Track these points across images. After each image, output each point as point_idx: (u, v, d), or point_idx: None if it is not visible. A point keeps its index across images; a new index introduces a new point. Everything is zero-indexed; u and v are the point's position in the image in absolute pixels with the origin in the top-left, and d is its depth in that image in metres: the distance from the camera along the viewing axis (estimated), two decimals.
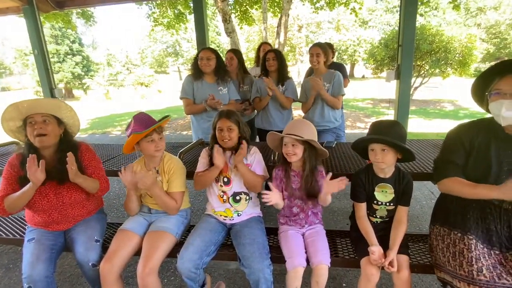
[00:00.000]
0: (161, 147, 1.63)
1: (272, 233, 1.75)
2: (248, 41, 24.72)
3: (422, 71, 10.07)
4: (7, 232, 1.88)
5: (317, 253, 1.43)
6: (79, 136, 1.75)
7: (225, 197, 1.68)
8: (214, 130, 1.67)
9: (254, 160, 1.68)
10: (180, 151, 2.08)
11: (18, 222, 2.00)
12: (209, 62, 2.56)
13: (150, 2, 8.42)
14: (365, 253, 1.39)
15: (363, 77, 25.62)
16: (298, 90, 2.85)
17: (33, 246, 1.53)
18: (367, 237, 1.43)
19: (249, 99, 2.92)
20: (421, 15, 13.11)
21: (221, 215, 1.70)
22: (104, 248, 1.60)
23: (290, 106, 2.83)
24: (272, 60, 2.66)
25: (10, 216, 2.10)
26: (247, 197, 1.69)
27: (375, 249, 1.35)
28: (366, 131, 1.52)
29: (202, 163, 1.71)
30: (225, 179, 1.67)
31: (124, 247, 1.54)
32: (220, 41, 25.76)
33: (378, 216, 1.54)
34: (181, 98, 2.68)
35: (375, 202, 1.50)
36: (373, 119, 8.05)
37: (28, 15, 4.39)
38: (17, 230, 1.89)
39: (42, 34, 4.52)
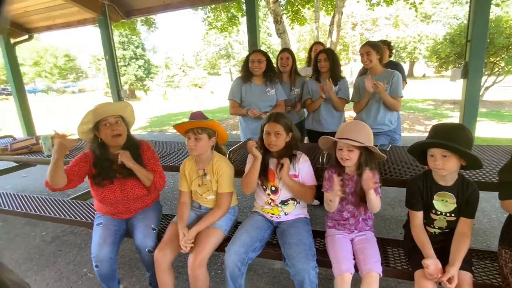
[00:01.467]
0: (196, 148, 1.63)
1: (318, 236, 1.72)
2: (299, 41, 24.46)
3: (496, 69, 8.93)
4: (80, 216, 2.14)
5: (367, 260, 1.37)
6: (139, 133, 1.93)
7: (272, 204, 1.69)
8: (262, 132, 1.67)
9: (303, 169, 1.64)
10: (230, 149, 2.15)
11: (90, 208, 2.26)
12: (260, 64, 2.60)
13: (205, 7, 8.84)
14: (419, 265, 1.29)
15: (423, 76, 23.66)
16: (351, 90, 2.75)
17: (101, 230, 1.72)
18: (422, 249, 1.32)
19: (300, 101, 2.90)
20: (497, 5, 11.65)
21: (268, 212, 1.71)
22: (159, 237, 1.74)
23: (343, 108, 2.74)
24: (324, 61, 2.60)
25: (83, 202, 2.39)
26: (295, 202, 1.68)
27: (431, 262, 1.24)
28: (426, 134, 1.41)
29: (249, 166, 1.72)
30: (273, 188, 1.67)
31: (175, 239, 1.63)
32: (270, 42, 25.97)
33: (436, 227, 1.41)
34: (228, 99, 2.77)
35: (433, 211, 1.38)
36: (435, 122, 7.37)
37: (102, 25, 4.92)
38: (88, 215, 2.14)
39: (112, 41, 5.05)
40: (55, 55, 28.33)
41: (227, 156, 1.91)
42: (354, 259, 1.42)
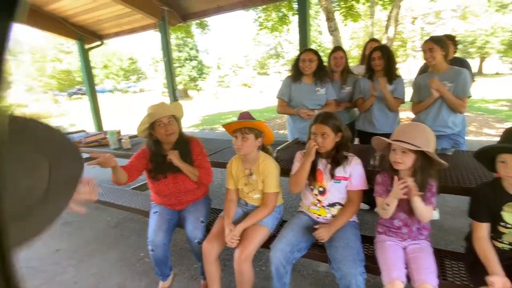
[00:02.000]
0: (242, 148, 1.66)
1: (367, 241, 1.65)
2: (352, 38, 23.46)
3: None
4: (139, 205, 2.35)
5: (422, 270, 1.28)
6: (192, 131, 2.06)
7: (319, 205, 1.67)
8: (310, 133, 1.65)
9: (355, 172, 1.59)
10: (277, 148, 2.17)
11: (147, 198, 2.46)
12: (311, 64, 2.56)
13: (256, 7, 8.98)
14: (482, 282, 1.16)
15: (496, 73, 21.00)
16: (408, 89, 2.57)
17: (157, 218, 1.88)
18: (487, 264, 1.19)
19: (349, 100, 2.80)
20: None
21: (314, 213, 1.69)
22: (208, 229, 1.83)
23: (397, 108, 2.58)
24: (378, 59, 2.48)
25: (141, 193, 2.62)
26: (341, 207, 1.64)
27: (497, 280, 1.11)
28: (496, 139, 1.26)
29: (296, 166, 1.71)
30: (321, 189, 1.64)
31: (222, 233, 1.70)
32: (321, 40, 25.36)
33: (505, 242, 1.27)
34: (277, 97, 2.77)
35: (502, 224, 1.24)
36: (508, 125, 6.51)
37: (161, 29, 5.30)
38: (145, 204, 2.34)
39: (169, 44, 5.41)
40: (120, 58, 31.24)
41: (274, 155, 1.93)
42: (406, 268, 1.33)
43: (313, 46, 3.30)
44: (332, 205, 1.63)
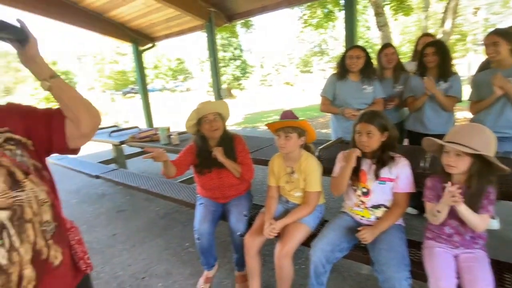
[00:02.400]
0: (286, 147, 1.67)
1: (414, 246, 1.57)
2: (403, 33, 22.00)
3: None
4: (186, 198, 2.50)
5: (477, 282, 1.18)
6: (234, 129, 2.13)
7: (362, 206, 1.62)
8: (354, 132, 1.61)
9: (402, 173, 1.52)
10: (320, 147, 2.15)
11: (193, 192, 2.60)
12: (358, 61, 2.48)
13: (301, 4, 8.87)
14: None
15: None
16: (465, 87, 2.37)
17: (202, 209, 2.01)
18: None
19: (399, 98, 2.66)
20: None
21: (357, 214, 1.66)
22: (249, 224, 1.89)
23: (452, 108, 2.40)
24: (432, 56, 2.32)
25: (188, 186, 2.77)
26: (387, 209, 1.58)
27: None
28: None
29: (338, 167, 1.69)
30: (364, 190, 1.60)
31: (263, 228, 1.72)
32: (369, 36, 24.22)
33: None
34: (320, 95, 2.73)
35: None
36: None
37: (208, 30, 5.52)
38: (191, 197, 2.47)
39: (215, 44, 5.60)
40: (169, 59, 33.05)
41: (316, 154, 1.92)
42: (458, 278, 1.25)
43: (360, 42, 3.19)
44: (376, 206, 1.58)
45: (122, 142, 3.67)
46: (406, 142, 2.81)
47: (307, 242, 1.67)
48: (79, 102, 0.86)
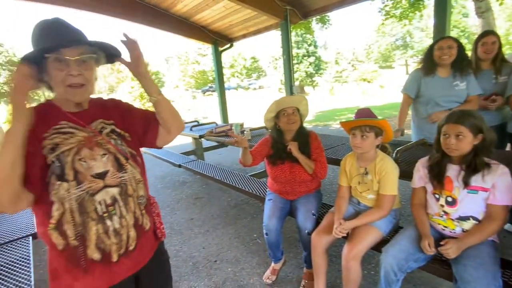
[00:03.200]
0: (362, 146, 1.61)
1: (509, 267, 1.35)
2: (510, 19, 18.45)
3: None
4: (255, 190, 2.61)
5: None
6: (306, 126, 2.14)
7: (445, 217, 1.44)
8: (439, 134, 1.43)
9: (500, 183, 1.30)
10: (398, 149, 2.00)
11: (263, 185, 2.70)
12: (450, 51, 2.18)
13: None
14: None
15: None
16: None
17: (271, 204, 2.06)
18: None
19: (501, 95, 2.27)
20: None
21: (439, 224, 1.48)
22: (317, 222, 1.88)
23: None
24: None
25: (258, 180, 2.89)
26: (477, 222, 1.38)
27: None
28: None
29: (416, 177, 1.54)
30: (449, 199, 1.41)
31: (331, 228, 1.68)
32: (466, 23, 21.05)
33: None
34: (402, 92, 2.49)
35: None
36: None
37: (283, 28, 5.57)
38: (261, 191, 2.57)
39: (290, 41, 5.63)
40: (244, 58, 34.45)
41: (393, 156, 1.80)
42: None
43: (454, 32, 2.77)
44: (464, 218, 1.39)
45: (201, 136, 4.03)
46: (509, 147, 2.40)
47: (377, 247, 1.58)
48: (173, 115, 1.07)
